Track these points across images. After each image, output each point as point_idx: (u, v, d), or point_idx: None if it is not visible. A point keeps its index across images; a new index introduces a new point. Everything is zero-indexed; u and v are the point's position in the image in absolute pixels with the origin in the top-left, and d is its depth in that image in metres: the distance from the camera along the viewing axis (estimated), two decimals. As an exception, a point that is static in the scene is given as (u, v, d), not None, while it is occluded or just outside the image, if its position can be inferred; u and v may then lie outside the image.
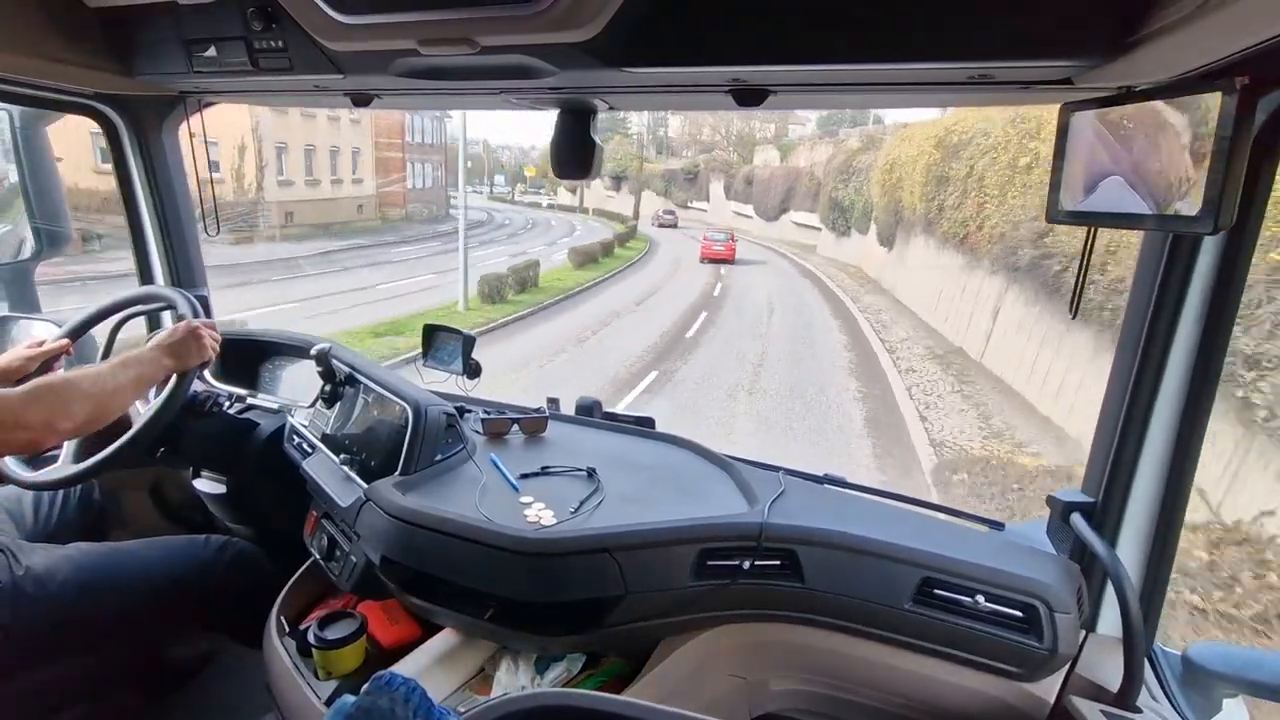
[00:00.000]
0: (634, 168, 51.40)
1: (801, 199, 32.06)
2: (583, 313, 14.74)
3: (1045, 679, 1.00)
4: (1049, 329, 9.08)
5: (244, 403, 1.53)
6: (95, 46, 1.22)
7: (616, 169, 53.34)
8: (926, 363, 11.51)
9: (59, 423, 1.01)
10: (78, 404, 1.02)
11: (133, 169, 1.64)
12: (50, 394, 1.00)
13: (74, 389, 1.03)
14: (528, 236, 33.00)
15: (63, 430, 1.04)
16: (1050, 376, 8.71)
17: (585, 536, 1.01)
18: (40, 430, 0.99)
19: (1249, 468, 4.55)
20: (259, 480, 1.47)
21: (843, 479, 1.32)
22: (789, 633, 1.12)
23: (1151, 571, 0.99)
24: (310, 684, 1.07)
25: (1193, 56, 0.65)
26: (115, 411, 1.10)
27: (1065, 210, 0.82)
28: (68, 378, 1.04)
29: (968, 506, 3.42)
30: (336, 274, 17.35)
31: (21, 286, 1.83)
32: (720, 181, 43.03)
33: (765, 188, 36.84)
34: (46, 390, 1.00)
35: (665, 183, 48.94)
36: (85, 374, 1.06)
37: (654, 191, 49.73)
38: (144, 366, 1.16)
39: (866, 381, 10.36)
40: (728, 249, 24.30)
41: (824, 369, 10.97)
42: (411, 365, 1.57)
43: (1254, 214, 0.82)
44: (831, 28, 0.78)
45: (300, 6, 0.91)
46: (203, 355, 1.26)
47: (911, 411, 9.01)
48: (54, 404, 1.00)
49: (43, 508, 1.43)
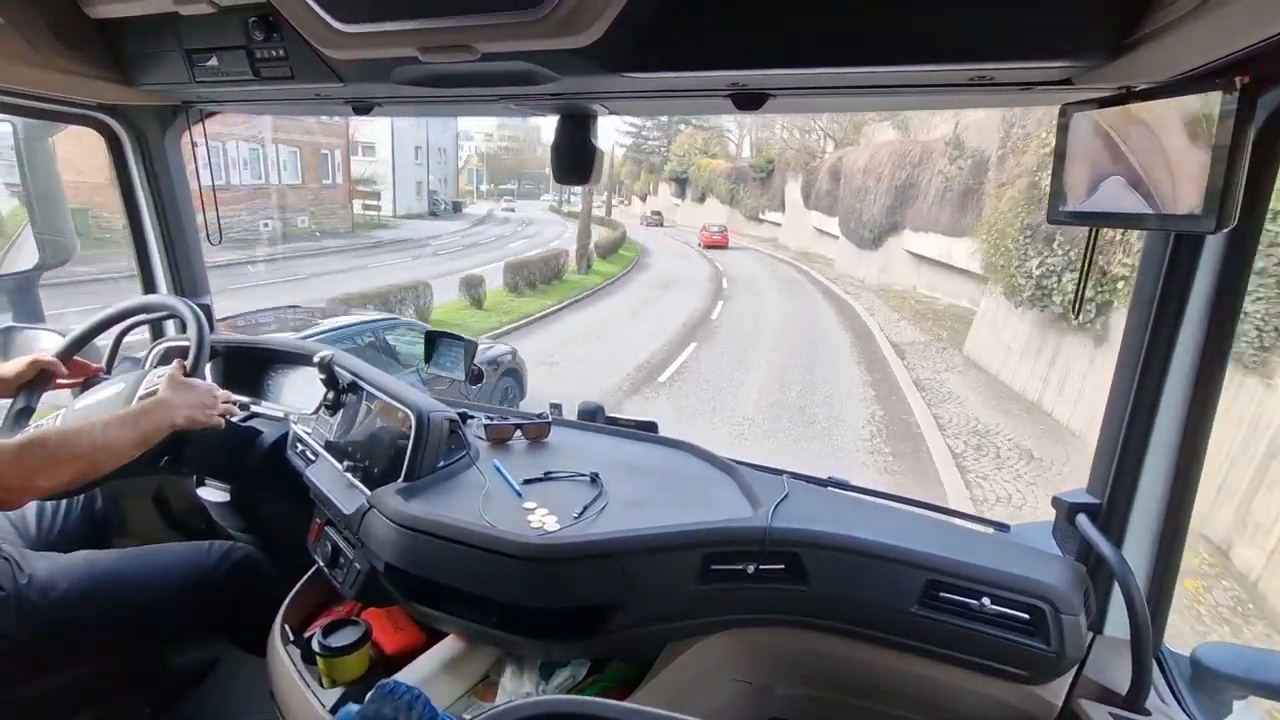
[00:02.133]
0: (696, 166, 41.81)
1: (933, 210, 14.96)
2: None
3: (1053, 682, 1.00)
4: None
5: (247, 410, 1.54)
6: (97, 57, 1.23)
7: (680, 168, 44.93)
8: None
9: (40, 483, 0.97)
10: (67, 467, 0.99)
11: (135, 179, 1.65)
12: (40, 452, 0.96)
13: (66, 449, 0.99)
14: (481, 251, 22.63)
15: (42, 491, 1.01)
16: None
17: (589, 542, 1.01)
18: (17, 491, 0.96)
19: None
20: (262, 488, 1.47)
21: (846, 481, 1.31)
22: (794, 637, 1.11)
23: (1158, 572, 0.99)
24: (314, 691, 1.07)
25: (1192, 56, 0.65)
26: (107, 470, 1.06)
27: (1067, 211, 0.82)
28: (64, 435, 1.00)
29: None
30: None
31: (25, 296, 1.84)
32: (799, 180, 28.26)
33: (860, 186, 19.41)
34: (37, 448, 0.96)
35: (731, 185, 37.55)
36: (88, 429, 1.03)
37: (717, 197, 39.08)
38: (152, 428, 1.12)
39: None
40: (723, 237, 29.18)
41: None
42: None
43: (1256, 212, 0.81)
44: (831, 31, 0.78)
45: (301, 16, 0.92)
46: (210, 422, 1.23)
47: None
48: (40, 465, 0.96)
49: (46, 516, 1.43)
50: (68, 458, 0.99)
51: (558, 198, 62.95)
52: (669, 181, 47.84)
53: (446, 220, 36.21)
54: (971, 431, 7.14)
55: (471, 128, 66.12)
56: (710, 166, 41.73)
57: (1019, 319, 8.98)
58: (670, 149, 48.70)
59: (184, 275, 1.74)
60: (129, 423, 1.09)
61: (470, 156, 62.57)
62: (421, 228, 30.09)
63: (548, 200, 65.94)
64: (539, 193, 71.02)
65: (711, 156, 43.81)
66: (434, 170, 38.94)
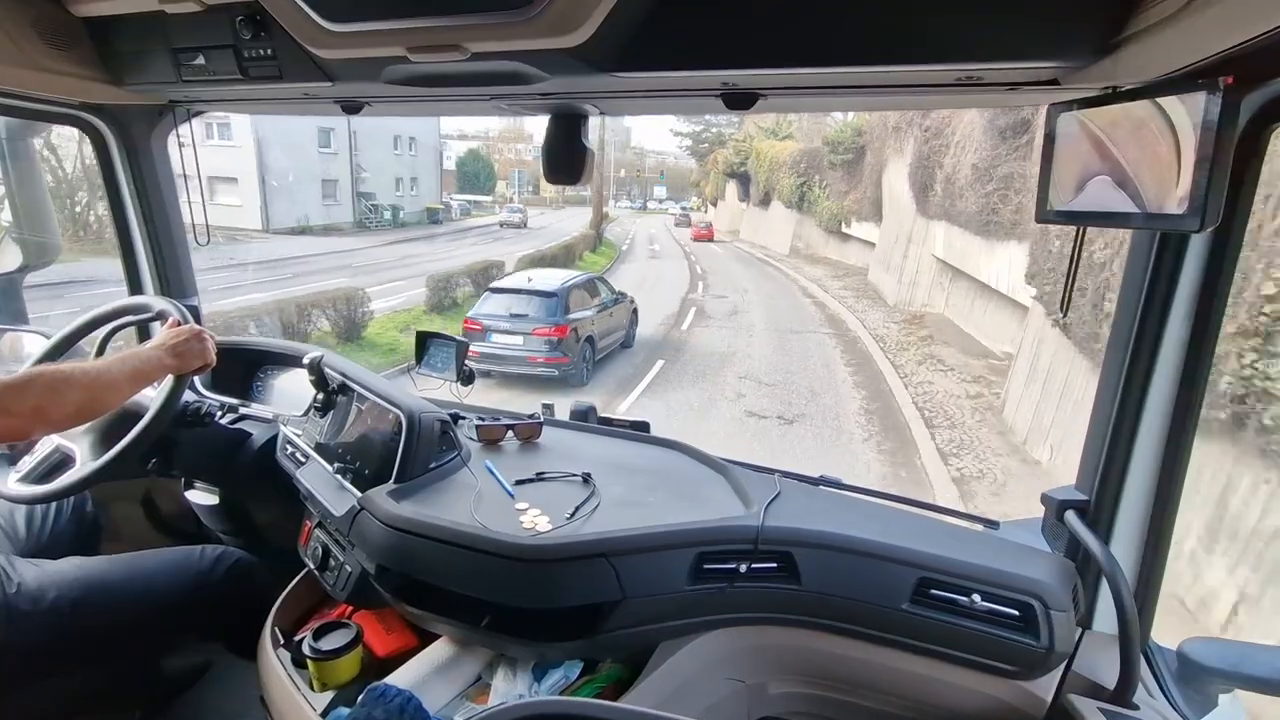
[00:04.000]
0: (755, 154, 28.24)
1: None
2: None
3: (1042, 677, 1.00)
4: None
5: (236, 413, 1.53)
6: (83, 56, 1.22)
7: (737, 159, 31.67)
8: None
9: (49, 411, 0.99)
10: (70, 394, 1.01)
11: (121, 179, 1.63)
12: (42, 383, 0.98)
13: (67, 379, 1.01)
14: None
15: (52, 419, 1.02)
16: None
17: (581, 542, 1.00)
18: (28, 418, 0.97)
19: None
20: (252, 491, 1.46)
21: (838, 480, 1.32)
22: (787, 635, 1.11)
23: (1145, 568, 1.00)
24: (306, 695, 1.06)
25: (1177, 56, 0.66)
26: (109, 405, 1.09)
27: (1054, 210, 0.82)
28: (61, 368, 1.03)
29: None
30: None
31: (10, 298, 1.82)
32: (905, 161, 13.87)
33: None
34: (39, 378, 0.98)
35: (799, 179, 22.96)
36: (81, 366, 1.05)
37: (782, 199, 25.01)
38: (144, 363, 1.14)
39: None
40: (709, 231, 30.63)
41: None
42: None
43: (1240, 211, 0.82)
44: (820, 32, 0.78)
45: (289, 15, 0.91)
46: (204, 359, 1.24)
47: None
48: (45, 393, 0.98)
49: (35, 521, 1.41)
50: (70, 387, 1.01)
51: (639, 202, 61.71)
52: (729, 177, 35.84)
53: (381, 233, 24.76)
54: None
55: (531, 126, 62.08)
56: (771, 154, 25.74)
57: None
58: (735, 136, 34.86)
59: (171, 276, 1.73)
60: (126, 360, 1.11)
61: (512, 159, 58.43)
62: (300, 247, 19.65)
63: (625, 204, 64.42)
64: (616, 198, 67.58)
65: (782, 138, 28.04)
66: (375, 167, 27.41)
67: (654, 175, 71.85)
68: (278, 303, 9.21)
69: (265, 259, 17.28)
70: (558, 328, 7.62)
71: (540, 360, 7.63)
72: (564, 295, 7.97)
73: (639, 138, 79.83)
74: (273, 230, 21.99)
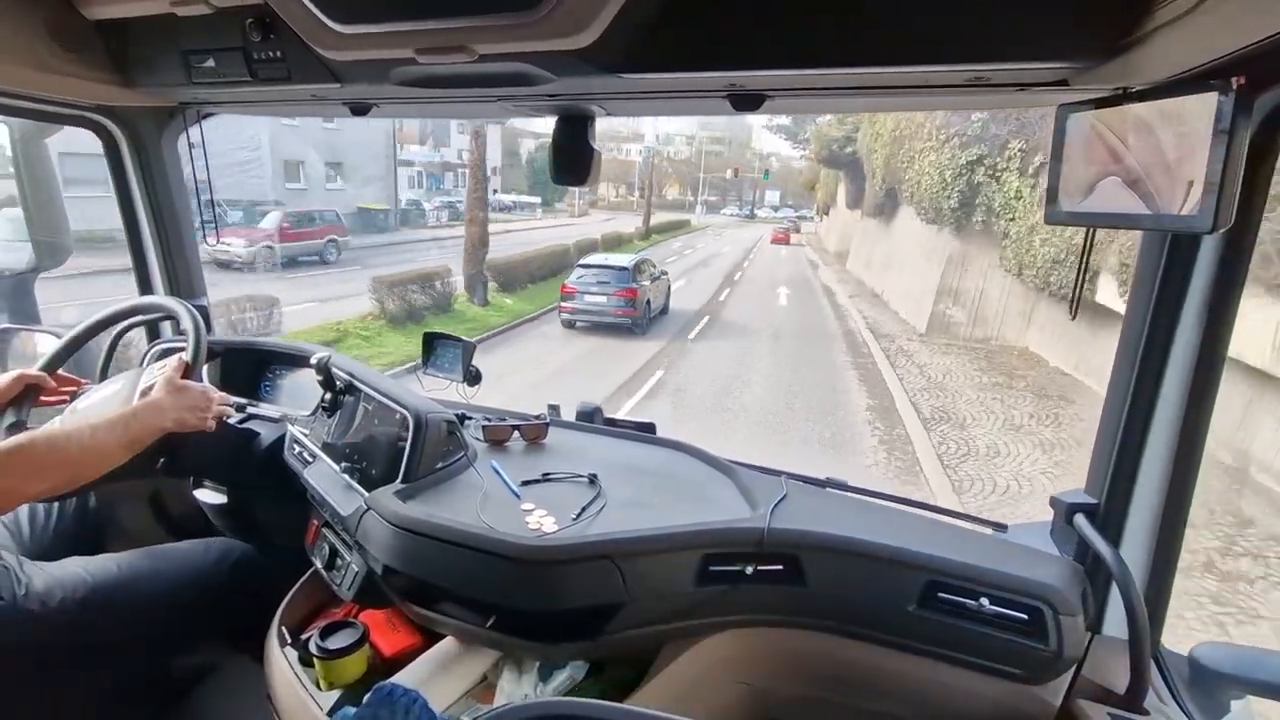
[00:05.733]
0: (872, 134, 15.43)
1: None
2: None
3: (1052, 682, 1.00)
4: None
5: (244, 412, 1.53)
6: (94, 58, 1.23)
7: (838, 136, 19.27)
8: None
9: (28, 490, 0.96)
10: (55, 471, 0.98)
11: (131, 180, 1.64)
12: (27, 459, 0.94)
13: (56, 454, 0.98)
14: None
15: (31, 495, 1.00)
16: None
17: (587, 543, 1.00)
18: (6, 494, 0.95)
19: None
20: (260, 490, 1.47)
21: (844, 482, 1.31)
22: (793, 639, 1.11)
23: (1156, 572, 0.99)
24: (312, 694, 1.06)
25: (1188, 57, 0.65)
26: (96, 475, 1.04)
27: (1065, 211, 0.82)
28: (51, 439, 0.99)
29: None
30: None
31: (21, 298, 1.84)
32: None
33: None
34: (25, 454, 0.94)
35: (961, 173, 10.37)
36: (75, 436, 1.01)
37: (920, 208, 12.16)
38: (142, 430, 1.10)
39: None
40: (786, 235, 30.52)
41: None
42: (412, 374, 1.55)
43: (1253, 213, 0.82)
44: (827, 32, 0.78)
45: (298, 17, 0.92)
46: (202, 426, 1.21)
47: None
48: (28, 471, 0.94)
49: (39, 520, 1.42)
50: (55, 463, 0.98)
51: (747, 209, 55.00)
52: (825, 166, 24.56)
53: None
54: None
55: (672, 129, 57.19)
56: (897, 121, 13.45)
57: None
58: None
59: (180, 277, 1.74)
60: (118, 427, 1.07)
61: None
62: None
63: (730, 211, 57.13)
64: (722, 204, 61.62)
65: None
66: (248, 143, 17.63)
67: (762, 177, 58.26)
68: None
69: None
70: (630, 290, 10.52)
71: (619, 313, 10.50)
72: (633, 268, 10.88)
73: (761, 139, 63.81)
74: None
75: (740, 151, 60.25)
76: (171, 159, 1.66)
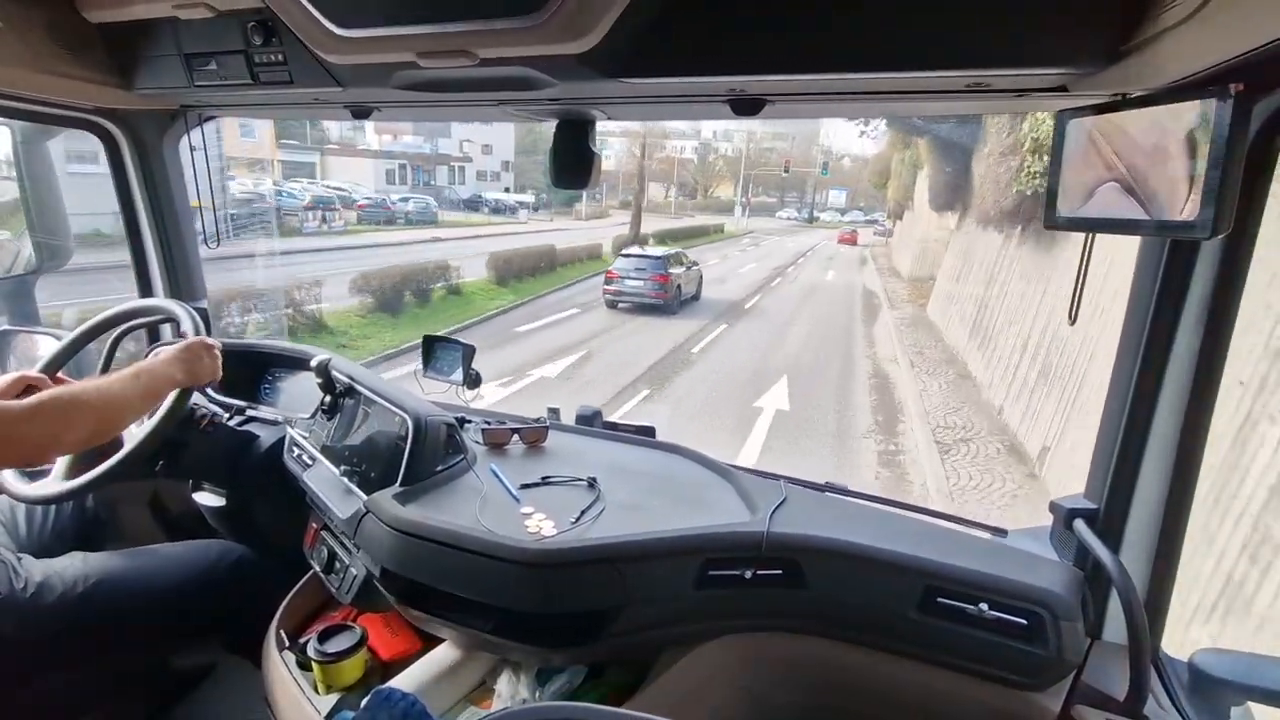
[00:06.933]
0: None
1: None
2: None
3: (1051, 688, 0.99)
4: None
5: (243, 415, 1.53)
6: (96, 61, 1.23)
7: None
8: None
9: (62, 436, 1.00)
10: (82, 419, 1.01)
11: (133, 182, 1.65)
12: (54, 409, 0.99)
13: (80, 403, 1.01)
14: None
15: (65, 445, 1.03)
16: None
17: (586, 547, 1.00)
18: (42, 445, 0.98)
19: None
20: (259, 493, 1.47)
21: (844, 486, 1.31)
22: (792, 643, 1.11)
23: (1156, 577, 0.99)
24: (310, 698, 1.06)
25: (1187, 63, 0.66)
26: (121, 426, 1.09)
27: (1064, 217, 0.82)
28: (74, 392, 1.03)
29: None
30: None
31: (22, 300, 1.84)
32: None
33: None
34: (51, 405, 0.99)
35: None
36: (92, 387, 1.05)
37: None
38: (155, 380, 1.14)
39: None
40: (853, 236, 32.36)
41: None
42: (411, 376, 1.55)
43: (1251, 219, 0.82)
44: (828, 38, 0.78)
45: (300, 21, 0.92)
46: (214, 373, 1.24)
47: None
48: (57, 419, 0.98)
49: (36, 519, 1.42)
50: (83, 411, 1.01)
51: (805, 212, 48.55)
52: (903, 151, 18.92)
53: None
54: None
55: (721, 129, 45.64)
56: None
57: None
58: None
59: (181, 279, 1.74)
60: (138, 377, 1.11)
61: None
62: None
63: (787, 215, 50.74)
64: (780, 206, 54.63)
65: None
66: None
67: (828, 176, 48.81)
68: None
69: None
70: (664, 276, 12.49)
71: (654, 295, 12.44)
72: (667, 258, 13.06)
73: (832, 132, 51.03)
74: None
75: (805, 147, 49.86)
76: (173, 162, 1.66)
